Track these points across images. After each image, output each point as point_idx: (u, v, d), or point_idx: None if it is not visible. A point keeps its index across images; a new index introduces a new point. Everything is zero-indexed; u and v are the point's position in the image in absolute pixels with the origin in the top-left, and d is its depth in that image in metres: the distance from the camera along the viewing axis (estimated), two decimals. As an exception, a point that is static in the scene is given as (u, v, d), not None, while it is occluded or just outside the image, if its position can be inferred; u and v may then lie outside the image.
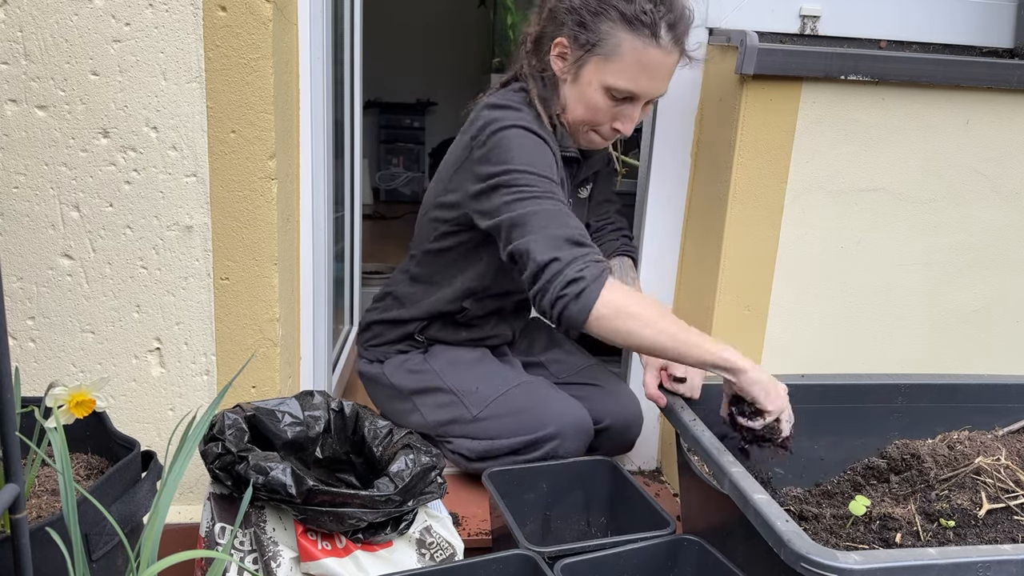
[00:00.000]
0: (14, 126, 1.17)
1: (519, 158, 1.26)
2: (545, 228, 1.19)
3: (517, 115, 1.31)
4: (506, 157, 1.26)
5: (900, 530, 1.09)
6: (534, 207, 1.21)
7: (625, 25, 1.25)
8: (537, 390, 1.45)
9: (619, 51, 1.26)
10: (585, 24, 1.27)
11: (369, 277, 2.91)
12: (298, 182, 1.41)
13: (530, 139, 1.29)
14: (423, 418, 1.48)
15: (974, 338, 1.60)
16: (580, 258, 1.16)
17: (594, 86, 1.30)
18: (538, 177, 1.24)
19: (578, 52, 1.30)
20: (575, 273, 1.14)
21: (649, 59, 1.26)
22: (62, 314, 1.25)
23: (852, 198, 1.48)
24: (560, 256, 1.16)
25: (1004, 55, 1.57)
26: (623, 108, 1.32)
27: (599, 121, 1.34)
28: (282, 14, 1.25)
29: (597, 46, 1.27)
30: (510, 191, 1.24)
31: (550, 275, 1.16)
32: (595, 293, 1.13)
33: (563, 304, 1.15)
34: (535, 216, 1.20)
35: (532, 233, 1.19)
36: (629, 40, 1.25)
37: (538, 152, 1.28)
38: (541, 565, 1.04)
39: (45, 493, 0.99)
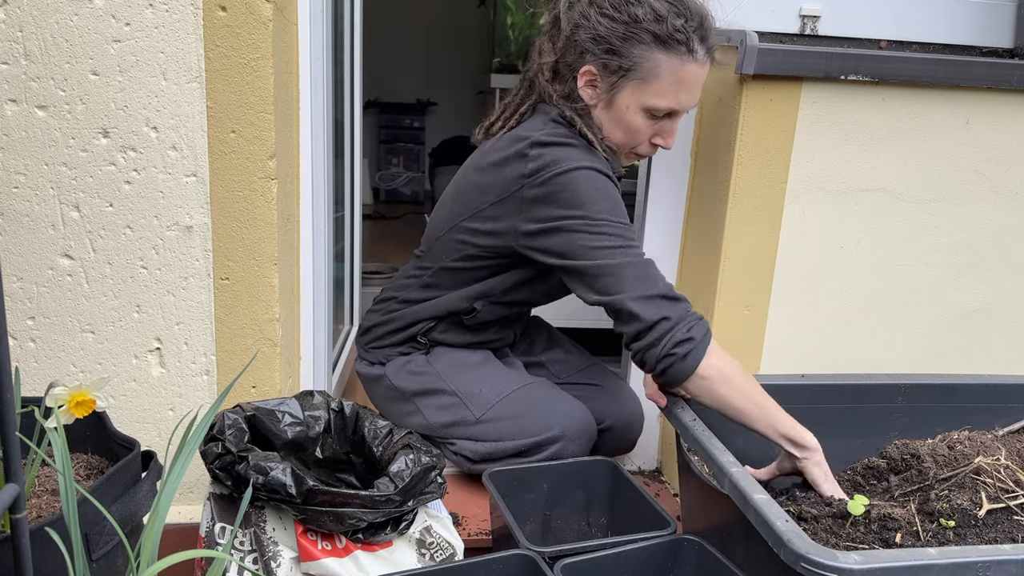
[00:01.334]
0: (14, 126, 1.18)
1: (596, 203, 1.25)
2: (641, 282, 1.21)
3: (578, 154, 1.28)
4: (580, 201, 1.25)
5: (900, 530, 1.09)
6: (624, 259, 1.22)
7: (659, 46, 1.24)
8: (541, 392, 1.45)
9: (657, 72, 1.25)
10: (615, 51, 1.25)
11: (369, 277, 2.91)
12: (298, 182, 1.41)
13: (601, 180, 1.27)
14: (425, 420, 1.48)
15: (974, 338, 1.60)
16: (686, 318, 1.19)
17: (632, 110, 1.29)
18: (621, 225, 1.25)
19: (611, 79, 1.28)
20: (683, 335, 1.17)
21: (688, 75, 1.26)
22: (62, 314, 1.25)
23: (852, 198, 1.48)
24: (669, 316, 1.19)
25: (1004, 55, 1.58)
26: (663, 124, 1.31)
27: (639, 141, 1.33)
28: (282, 14, 1.25)
29: (632, 71, 1.26)
30: (592, 237, 1.23)
31: (659, 334, 1.18)
32: (701, 355, 1.18)
33: (669, 362, 1.18)
34: (628, 268, 1.21)
35: (629, 289, 1.20)
36: (665, 60, 1.24)
37: (612, 195, 1.27)
38: (541, 565, 1.04)
39: (45, 493, 0.99)
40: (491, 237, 1.36)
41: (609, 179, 1.29)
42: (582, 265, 1.24)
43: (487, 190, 1.36)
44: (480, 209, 1.37)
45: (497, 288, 1.43)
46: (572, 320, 2.16)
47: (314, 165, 1.42)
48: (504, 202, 1.33)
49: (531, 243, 1.31)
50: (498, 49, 4.22)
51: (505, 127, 1.39)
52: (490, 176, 1.36)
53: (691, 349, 1.17)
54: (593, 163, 1.28)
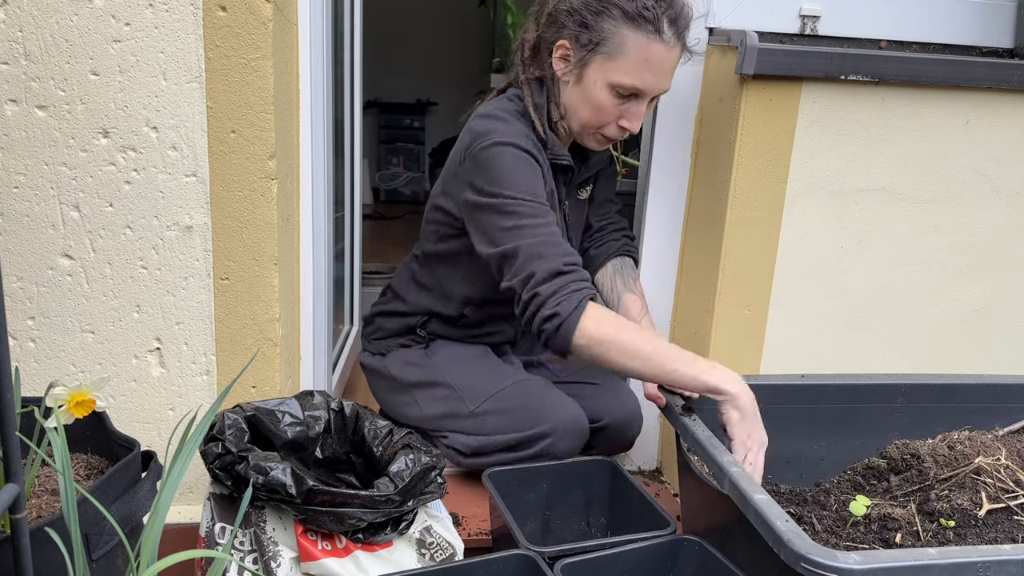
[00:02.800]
0: (14, 126, 1.17)
1: (505, 179, 1.28)
2: (531, 261, 1.23)
3: (505, 128, 1.33)
4: (495, 178, 1.29)
5: (900, 530, 1.09)
6: (522, 239, 1.25)
7: (628, 22, 1.26)
8: (533, 388, 1.46)
9: (623, 48, 1.27)
10: (587, 24, 1.28)
11: (369, 277, 2.91)
12: (298, 182, 1.41)
13: (515, 156, 1.30)
14: (421, 411, 1.49)
15: (974, 338, 1.60)
16: (559, 291, 1.21)
17: (599, 85, 1.31)
18: (523, 202, 1.27)
19: (581, 52, 1.30)
20: (551, 309, 1.20)
21: (653, 54, 1.27)
22: (62, 314, 1.25)
23: (852, 198, 1.48)
24: (540, 291, 1.22)
25: (1004, 55, 1.57)
26: (629, 105, 1.32)
27: (605, 121, 1.35)
28: (282, 14, 1.25)
29: (600, 45, 1.28)
30: (498, 218, 1.27)
31: (532, 311, 1.23)
32: (571, 326, 1.20)
33: (544, 338, 1.23)
34: (522, 249, 1.24)
35: (519, 270, 1.24)
36: (632, 37, 1.26)
37: (526, 172, 1.30)
38: (541, 565, 1.04)
39: (45, 493, 0.99)
40: (450, 214, 1.42)
41: (531, 157, 1.32)
42: (491, 252, 1.29)
43: (448, 167, 1.43)
44: (444, 186, 1.43)
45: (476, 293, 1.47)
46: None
47: (314, 165, 1.42)
48: (456, 177, 1.39)
49: (468, 221, 1.36)
50: (498, 49, 4.22)
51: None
52: (453, 154, 1.42)
53: (560, 323, 1.20)
54: (515, 139, 1.31)
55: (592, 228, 1.60)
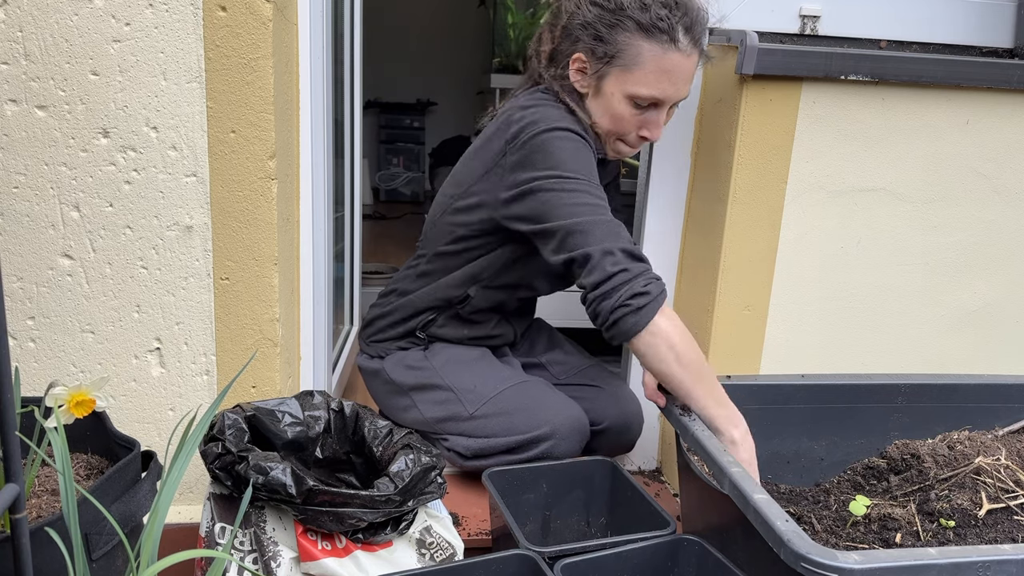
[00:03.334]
0: (14, 126, 1.18)
1: (568, 162, 1.26)
2: (608, 238, 1.21)
3: (555, 114, 1.31)
4: (553, 161, 1.26)
5: (900, 530, 1.09)
6: (594, 216, 1.23)
7: (642, 33, 1.26)
8: (533, 390, 1.45)
9: (639, 60, 1.27)
10: (602, 37, 1.28)
11: (369, 277, 2.91)
12: (298, 182, 1.41)
13: (574, 141, 1.29)
14: (420, 414, 1.49)
15: (974, 338, 1.60)
16: (645, 273, 1.20)
17: (617, 97, 1.30)
18: (590, 184, 1.25)
19: (597, 65, 1.30)
20: (641, 287, 1.18)
21: (670, 64, 1.27)
22: (62, 314, 1.25)
23: (852, 198, 1.48)
24: (629, 268, 1.19)
25: (1004, 55, 1.57)
26: (648, 115, 1.32)
27: (625, 131, 1.35)
28: (282, 14, 1.25)
29: (616, 57, 1.28)
30: (566, 195, 1.24)
31: (617, 283, 1.18)
32: (654, 311, 1.18)
33: (622, 313, 1.18)
34: (596, 226, 1.22)
35: (597, 242, 1.21)
36: (648, 48, 1.26)
37: (584, 156, 1.28)
38: (541, 565, 1.04)
39: (45, 493, 0.99)
40: (477, 211, 1.39)
41: (584, 140, 1.31)
42: (554, 226, 1.25)
43: (477, 166, 1.40)
44: (470, 186, 1.41)
45: (488, 270, 1.45)
46: (572, 320, 2.16)
47: (314, 165, 1.42)
48: (490, 173, 1.37)
49: (508, 211, 1.33)
50: (498, 49, 4.22)
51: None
52: (481, 153, 1.40)
53: (646, 303, 1.17)
54: (569, 124, 1.30)
55: None
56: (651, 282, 1.19)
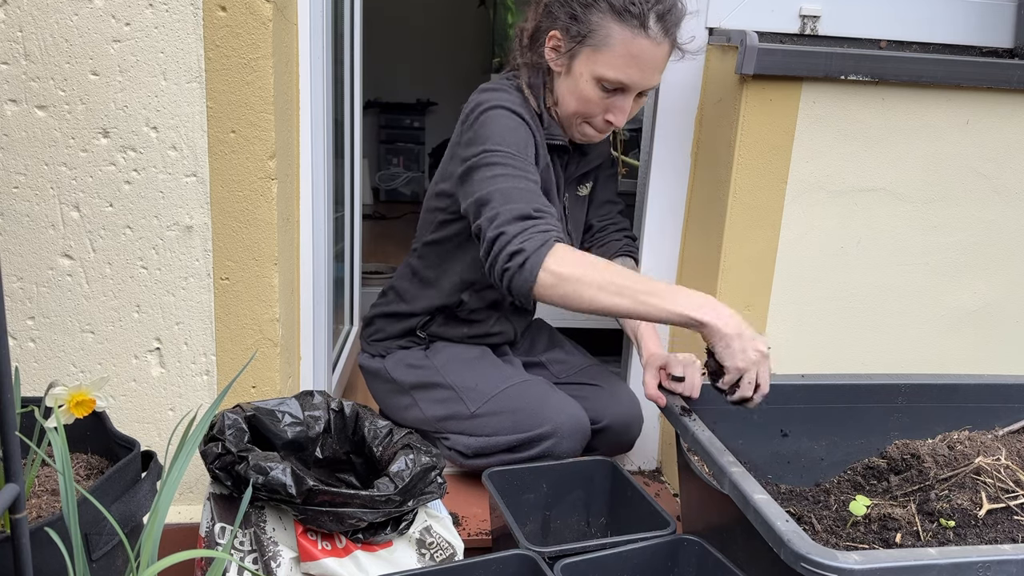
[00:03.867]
0: (14, 126, 1.17)
1: (494, 136, 1.29)
2: (503, 204, 1.22)
3: (500, 95, 1.35)
4: (483, 136, 1.30)
5: (900, 530, 1.09)
6: (498, 184, 1.24)
7: (614, 16, 1.27)
8: (535, 389, 1.45)
9: (609, 41, 1.28)
10: (576, 16, 1.30)
11: (369, 277, 2.91)
12: (298, 182, 1.41)
13: (507, 117, 1.32)
14: (421, 413, 1.49)
15: (974, 338, 1.60)
16: (526, 231, 1.19)
17: (585, 77, 1.32)
18: (507, 154, 1.27)
19: (570, 44, 1.32)
20: (516, 246, 1.18)
21: (638, 49, 1.27)
22: (62, 314, 1.25)
23: (852, 198, 1.48)
24: (506, 231, 1.19)
25: (1004, 55, 1.57)
26: (615, 100, 1.33)
27: (591, 113, 1.36)
28: (282, 14, 1.25)
29: (588, 37, 1.29)
30: (481, 170, 1.27)
31: (497, 249, 1.20)
32: (536, 262, 1.16)
33: (509, 276, 1.19)
34: (496, 193, 1.24)
35: (489, 211, 1.23)
36: (618, 30, 1.27)
37: (512, 129, 1.31)
38: (541, 565, 1.04)
39: (45, 493, 0.99)
40: (448, 197, 1.42)
41: (520, 118, 1.33)
42: (470, 202, 1.27)
43: (448, 152, 1.43)
44: (442, 170, 1.44)
45: (474, 273, 1.46)
46: (572, 320, 2.16)
47: (314, 165, 1.42)
48: (453, 156, 1.40)
49: (459, 191, 1.35)
50: (498, 49, 4.22)
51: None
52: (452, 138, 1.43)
53: (525, 259, 1.16)
54: (508, 103, 1.33)
55: (594, 228, 1.60)
56: (529, 238, 1.18)
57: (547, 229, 1.20)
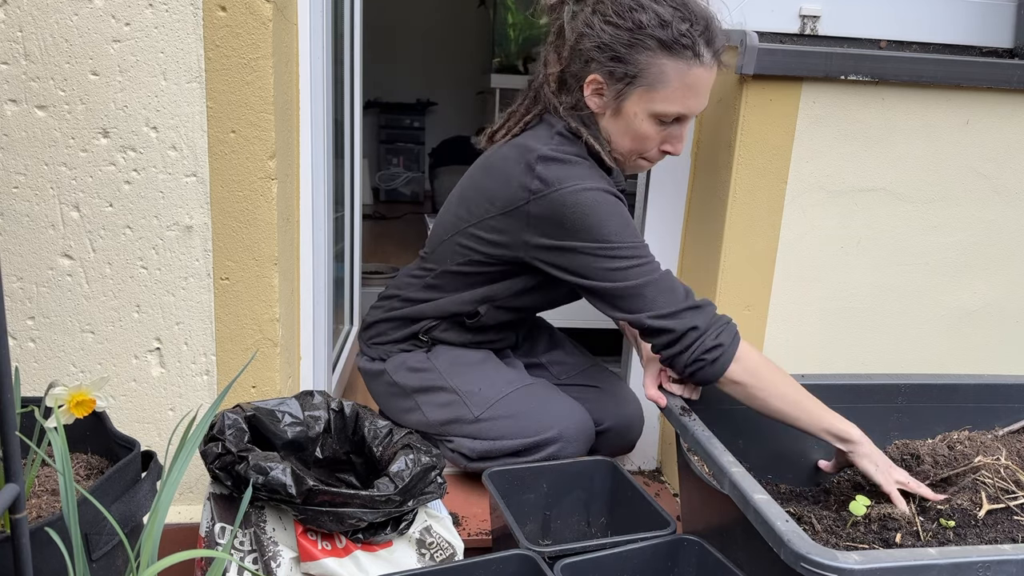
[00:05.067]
0: (14, 126, 1.18)
1: (607, 227, 1.25)
2: (663, 297, 1.23)
3: (585, 173, 1.28)
4: (591, 226, 1.24)
5: (900, 530, 1.09)
6: (642, 278, 1.24)
7: (665, 51, 1.23)
8: (540, 393, 1.45)
9: (664, 78, 1.24)
10: (620, 58, 1.25)
11: (369, 277, 2.91)
12: (298, 182, 1.41)
13: (609, 201, 1.27)
14: (424, 417, 1.48)
15: (974, 338, 1.60)
16: (714, 324, 1.22)
17: (640, 117, 1.28)
18: (634, 245, 1.26)
19: (617, 86, 1.27)
20: (712, 341, 1.21)
21: (694, 79, 1.25)
22: (62, 314, 1.25)
23: (852, 198, 1.48)
24: (697, 325, 1.21)
25: (1004, 55, 1.58)
26: (672, 130, 1.31)
27: (648, 148, 1.33)
28: (282, 14, 1.25)
29: (638, 77, 1.25)
30: (608, 261, 1.25)
31: (688, 342, 1.22)
32: (729, 359, 1.21)
33: (699, 367, 1.22)
34: (647, 287, 1.23)
35: (652, 307, 1.23)
36: (672, 65, 1.24)
37: (621, 215, 1.27)
38: (541, 565, 1.04)
39: (45, 493, 0.99)
40: (497, 247, 1.36)
41: (617, 198, 1.29)
42: (601, 287, 1.26)
43: (493, 199, 1.34)
44: (485, 218, 1.36)
45: (503, 293, 1.43)
46: (572, 320, 2.16)
47: (314, 165, 1.42)
48: (509, 215, 1.32)
49: (542, 257, 1.32)
50: (498, 49, 4.22)
51: (509, 135, 1.38)
52: (496, 184, 1.34)
53: (719, 355, 1.20)
54: (599, 184, 1.27)
55: None
56: (722, 330, 1.21)
57: (730, 320, 1.24)
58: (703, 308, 1.24)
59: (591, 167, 1.30)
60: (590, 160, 1.31)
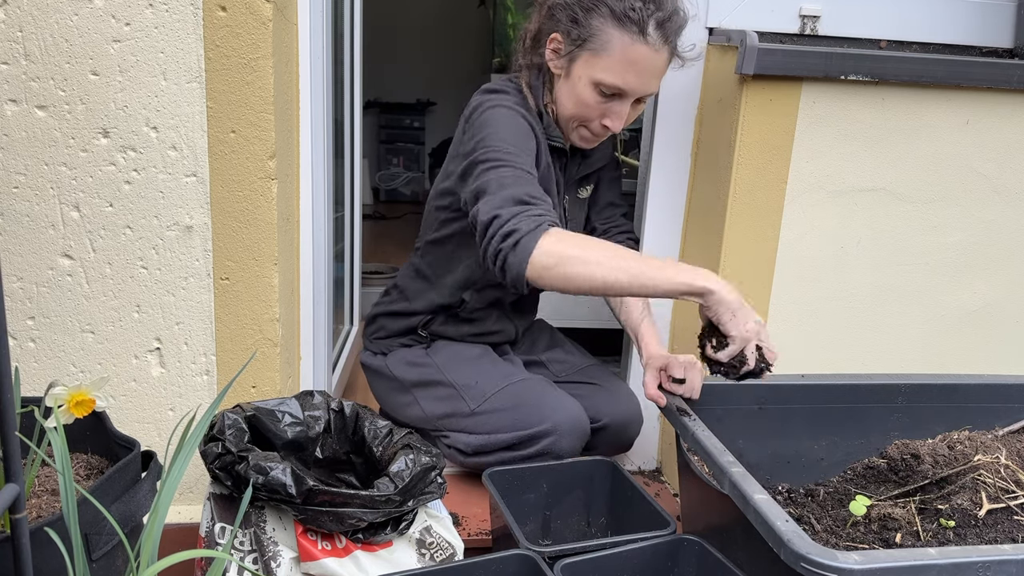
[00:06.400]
0: (14, 126, 1.17)
1: (493, 134, 1.30)
2: (497, 191, 1.21)
3: (501, 96, 1.37)
4: (482, 134, 1.31)
5: (900, 530, 1.09)
6: (492, 175, 1.24)
7: (614, 21, 1.27)
8: (534, 387, 1.46)
9: (608, 47, 1.28)
10: (577, 20, 1.30)
11: (369, 277, 2.91)
12: (298, 182, 1.41)
13: (508, 116, 1.33)
14: (422, 411, 1.50)
15: (974, 338, 1.60)
16: (519, 214, 1.17)
17: (584, 81, 1.32)
18: (506, 151, 1.27)
19: (570, 47, 1.32)
20: (510, 227, 1.16)
21: (636, 55, 1.28)
22: (62, 314, 1.25)
23: (852, 198, 1.48)
24: (500, 213, 1.18)
25: (1004, 55, 1.57)
26: (612, 105, 1.33)
27: (589, 117, 1.36)
28: (282, 14, 1.25)
29: (587, 41, 1.30)
30: (480, 165, 1.27)
31: (492, 231, 1.18)
32: (531, 243, 1.13)
33: (502, 258, 1.16)
34: (490, 183, 1.24)
35: (484, 197, 1.22)
36: (617, 36, 1.27)
37: (512, 125, 1.32)
38: (541, 565, 1.04)
39: (45, 493, 0.99)
40: (450, 195, 1.43)
41: (520, 115, 1.34)
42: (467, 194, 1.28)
43: (450, 151, 1.45)
44: (445, 168, 1.45)
45: (475, 272, 1.47)
46: (572, 320, 2.17)
47: (314, 165, 1.43)
48: (456, 156, 1.41)
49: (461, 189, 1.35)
50: (498, 49, 4.22)
51: None
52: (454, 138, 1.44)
53: (518, 239, 1.14)
54: (509, 103, 1.35)
55: (596, 231, 1.60)
56: (523, 220, 1.16)
57: (541, 214, 1.18)
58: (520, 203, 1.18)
59: (517, 94, 1.38)
60: (519, 95, 1.39)
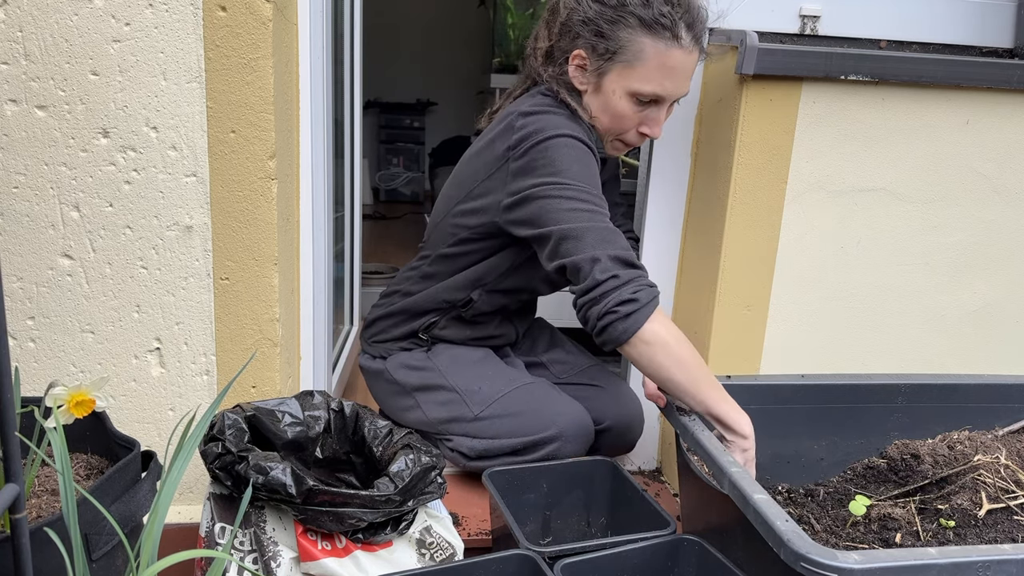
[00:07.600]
0: (14, 126, 1.17)
1: (569, 169, 1.26)
2: (600, 245, 1.21)
3: (559, 121, 1.31)
4: (555, 168, 1.26)
5: (900, 530, 1.09)
6: (589, 223, 1.22)
7: (644, 30, 1.26)
8: (539, 391, 1.45)
9: (642, 56, 1.27)
10: (603, 33, 1.28)
11: (369, 277, 2.91)
12: (298, 182, 1.41)
13: (578, 148, 1.29)
14: (424, 415, 1.49)
15: (974, 338, 1.60)
16: (636, 279, 1.18)
17: (618, 94, 1.31)
18: (589, 192, 1.25)
19: (598, 62, 1.30)
20: (629, 294, 1.17)
21: (672, 60, 1.27)
22: (62, 314, 1.25)
23: (852, 198, 1.48)
24: (619, 274, 1.18)
25: (1004, 55, 1.57)
26: (648, 112, 1.33)
27: (625, 128, 1.35)
28: (282, 14, 1.25)
29: (618, 54, 1.28)
30: (562, 201, 1.24)
31: (606, 290, 1.18)
32: (644, 318, 1.16)
33: (610, 320, 1.17)
34: (589, 232, 1.22)
35: (588, 249, 1.20)
36: (650, 44, 1.26)
37: (586, 163, 1.28)
38: (541, 565, 1.04)
39: (45, 493, 0.99)
40: (479, 215, 1.39)
41: (587, 147, 1.31)
42: (549, 231, 1.25)
43: (479, 169, 1.40)
44: (472, 188, 1.41)
45: (491, 274, 1.45)
46: (573, 320, 2.16)
47: (314, 165, 1.42)
48: (492, 177, 1.36)
49: (509, 216, 1.33)
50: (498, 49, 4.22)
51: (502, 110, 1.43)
52: (483, 155, 1.40)
53: (634, 310, 1.16)
54: (573, 131, 1.30)
55: None
56: (641, 289, 1.18)
57: (653, 284, 1.20)
58: (633, 267, 1.20)
59: (569, 116, 1.33)
60: (567, 111, 1.34)
